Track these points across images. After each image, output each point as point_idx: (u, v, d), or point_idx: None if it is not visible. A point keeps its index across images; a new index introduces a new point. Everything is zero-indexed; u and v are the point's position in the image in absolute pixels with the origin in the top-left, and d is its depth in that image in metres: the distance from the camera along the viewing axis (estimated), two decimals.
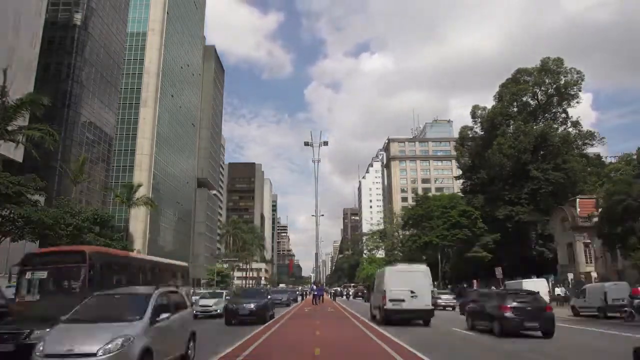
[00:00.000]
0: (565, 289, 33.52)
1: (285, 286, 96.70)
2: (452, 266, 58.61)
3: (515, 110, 53.14)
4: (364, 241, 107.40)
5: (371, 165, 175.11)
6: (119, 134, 76.84)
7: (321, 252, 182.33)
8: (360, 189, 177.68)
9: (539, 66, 50.72)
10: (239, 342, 11.77)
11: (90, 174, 54.23)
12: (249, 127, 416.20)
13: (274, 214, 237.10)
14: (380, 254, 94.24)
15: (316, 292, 38.39)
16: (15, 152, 38.49)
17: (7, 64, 31.54)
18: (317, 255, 67.09)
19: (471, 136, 58.29)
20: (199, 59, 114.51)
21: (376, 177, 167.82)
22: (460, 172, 63.84)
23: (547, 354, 10.85)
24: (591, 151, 56.10)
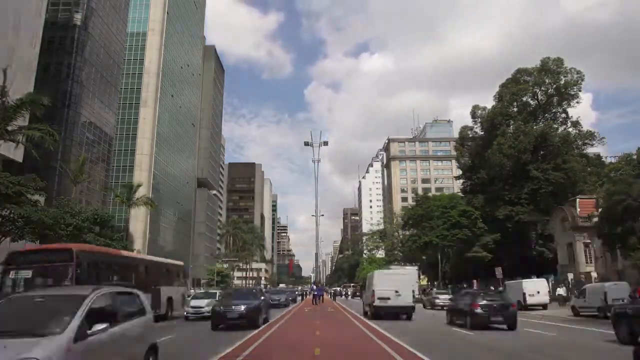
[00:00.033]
0: (567, 289, 33.47)
1: (285, 286, 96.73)
2: (452, 266, 58.59)
3: (515, 110, 53.09)
4: (364, 241, 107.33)
5: (371, 165, 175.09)
6: (119, 134, 76.92)
7: (321, 252, 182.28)
8: (360, 189, 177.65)
9: (539, 66, 50.69)
10: (239, 342, 11.74)
11: (90, 174, 54.25)
12: (249, 127, 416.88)
13: (274, 214, 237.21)
14: (380, 254, 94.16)
15: (316, 292, 38.49)
16: (15, 152, 38.47)
17: (7, 64, 31.48)
18: (317, 255, 67.21)
19: (471, 136, 58.21)
20: (199, 59, 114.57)
21: (376, 177, 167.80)
22: (460, 172, 63.77)
23: (547, 354, 10.85)
24: (591, 151, 56.16)
